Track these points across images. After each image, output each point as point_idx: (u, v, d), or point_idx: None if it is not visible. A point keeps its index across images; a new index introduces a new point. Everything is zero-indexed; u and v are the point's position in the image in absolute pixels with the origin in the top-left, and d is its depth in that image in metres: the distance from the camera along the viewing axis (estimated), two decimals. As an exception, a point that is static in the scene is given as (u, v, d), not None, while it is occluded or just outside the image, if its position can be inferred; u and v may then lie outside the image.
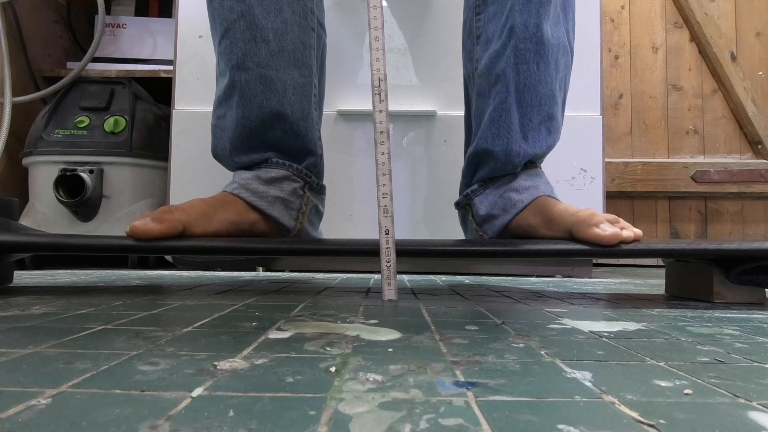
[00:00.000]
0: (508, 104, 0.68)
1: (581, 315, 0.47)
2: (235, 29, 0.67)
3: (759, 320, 0.45)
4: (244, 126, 0.68)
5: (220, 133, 0.72)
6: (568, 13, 0.72)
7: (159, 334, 0.34)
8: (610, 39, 1.75)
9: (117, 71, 1.35)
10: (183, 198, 1.11)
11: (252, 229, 0.66)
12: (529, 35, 0.67)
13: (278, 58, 0.68)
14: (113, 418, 0.18)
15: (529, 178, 0.70)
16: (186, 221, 0.59)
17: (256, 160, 0.70)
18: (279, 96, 0.68)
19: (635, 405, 0.21)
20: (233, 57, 0.68)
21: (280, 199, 0.68)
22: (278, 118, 0.69)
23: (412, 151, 1.11)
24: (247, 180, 0.68)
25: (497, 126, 0.69)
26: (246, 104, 0.68)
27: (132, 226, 0.57)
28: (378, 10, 0.55)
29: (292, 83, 0.69)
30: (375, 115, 0.55)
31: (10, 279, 0.66)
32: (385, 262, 0.54)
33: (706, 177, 1.69)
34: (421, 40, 1.13)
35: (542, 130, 0.70)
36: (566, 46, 0.71)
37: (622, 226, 0.59)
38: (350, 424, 0.18)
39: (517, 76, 0.68)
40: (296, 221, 0.70)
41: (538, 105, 0.68)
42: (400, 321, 0.41)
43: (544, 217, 0.65)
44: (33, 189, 1.23)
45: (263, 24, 0.67)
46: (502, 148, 0.69)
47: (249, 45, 0.67)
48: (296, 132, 0.70)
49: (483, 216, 0.71)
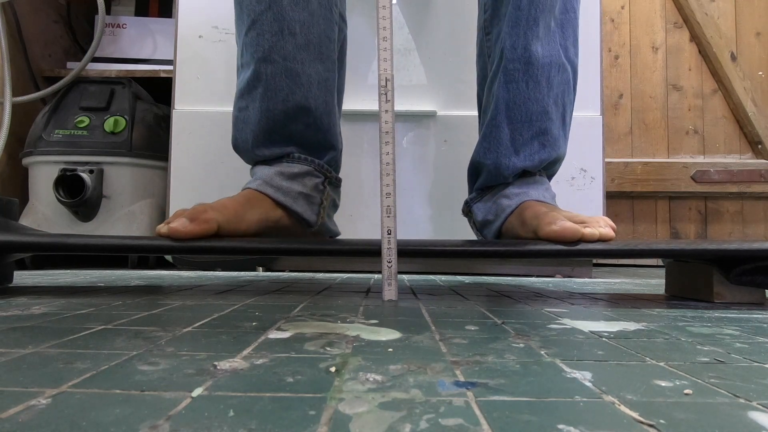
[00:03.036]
0: (497, 121, 0.72)
1: (581, 315, 0.47)
2: (263, 21, 0.67)
3: (759, 320, 0.45)
4: (268, 119, 0.68)
5: (242, 125, 0.71)
6: (566, 29, 0.72)
7: (159, 334, 0.34)
8: (610, 39, 1.75)
9: (117, 71, 1.35)
10: (183, 198, 1.11)
11: (277, 225, 0.67)
12: (517, 56, 0.69)
13: (304, 51, 0.68)
14: (113, 418, 0.18)
15: (523, 185, 0.72)
16: (221, 221, 0.59)
17: (278, 154, 0.70)
18: (304, 90, 0.68)
19: (635, 405, 0.21)
20: (259, 49, 0.67)
21: (303, 195, 0.69)
22: (302, 112, 0.69)
23: (413, 151, 1.11)
24: (271, 176, 0.68)
25: (488, 141, 0.73)
26: (271, 97, 0.68)
27: (171, 227, 0.56)
28: (387, 10, 0.56)
29: (317, 77, 0.70)
30: (381, 115, 0.55)
31: (10, 279, 0.66)
32: (386, 262, 0.54)
33: (706, 177, 1.69)
34: (422, 40, 1.13)
35: (534, 144, 0.71)
36: (562, 63, 0.72)
37: (586, 225, 0.59)
38: (350, 424, 0.18)
39: (507, 94, 0.70)
40: (318, 216, 0.71)
41: (529, 121, 0.70)
42: (400, 321, 0.41)
43: (521, 219, 0.67)
44: (33, 189, 1.23)
45: (290, 16, 0.67)
46: (492, 161, 0.72)
47: (276, 37, 0.67)
48: (319, 126, 0.71)
49: (481, 221, 0.75)
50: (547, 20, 0.70)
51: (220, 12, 1.14)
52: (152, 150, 1.24)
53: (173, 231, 0.56)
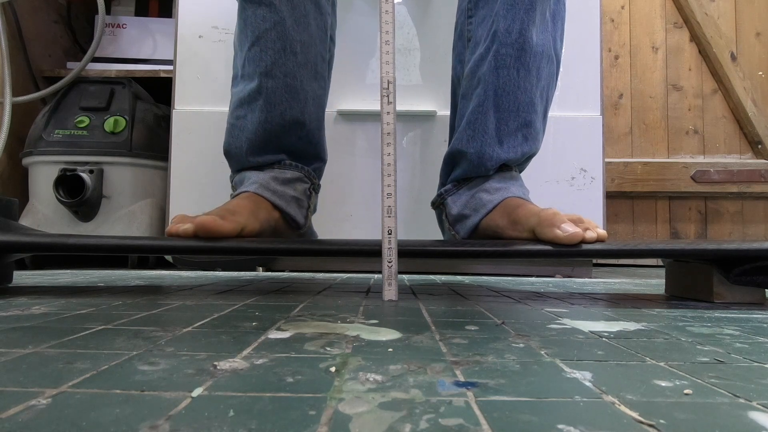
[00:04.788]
0: (485, 107, 0.70)
1: (581, 315, 0.47)
2: (267, 38, 0.70)
3: (759, 320, 0.45)
4: (265, 130, 0.71)
5: (237, 132, 0.73)
6: (557, 21, 0.72)
7: (159, 334, 0.34)
8: (610, 39, 1.75)
9: (117, 71, 1.35)
10: (183, 198, 1.11)
11: (275, 227, 0.69)
12: (512, 40, 0.68)
13: (303, 69, 0.72)
14: (113, 418, 0.18)
15: (502, 180, 0.71)
16: (243, 222, 0.61)
17: (269, 161, 0.73)
18: (301, 105, 0.72)
19: (635, 405, 0.21)
20: (262, 64, 0.70)
21: (295, 199, 0.72)
22: (297, 126, 0.72)
23: (412, 151, 1.11)
24: (267, 180, 0.70)
25: (473, 128, 0.71)
26: (270, 110, 0.71)
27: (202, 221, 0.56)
28: (390, 15, 0.56)
29: (312, 94, 0.73)
30: (383, 116, 0.55)
31: (10, 279, 0.66)
32: (387, 262, 0.54)
33: (706, 177, 1.69)
34: (422, 40, 1.13)
35: (518, 136, 0.70)
36: (551, 55, 0.71)
37: (586, 227, 0.59)
38: (350, 424, 0.18)
39: (496, 80, 0.69)
40: (306, 219, 0.74)
41: (516, 110, 0.69)
42: (400, 321, 0.41)
43: (510, 217, 0.66)
44: (33, 189, 1.23)
45: (293, 36, 0.70)
46: (476, 150, 0.70)
47: (278, 55, 0.70)
48: (310, 140, 0.75)
49: (455, 216, 0.73)
50: (543, 7, 0.69)
51: (220, 12, 1.14)
52: (152, 150, 1.24)
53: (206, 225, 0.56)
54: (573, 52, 1.10)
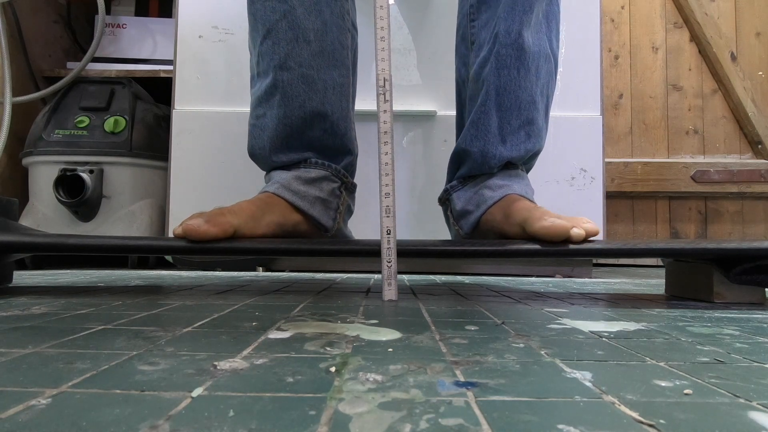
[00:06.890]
0: (487, 107, 0.70)
1: (581, 315, 0.46)
2: (278, 29, 0.68)
3: (759, 320, 0.45)
4: (285, 125, 0.69)
5: (258, 132, 0.72)
6: (551, 22, 0.73)
7: (159, 334, 0.34)
8: (610, 39, 1.75)
9: (117, 71, 1.35)
10: (183, 198, 1.11)
11: (295, 229, 0.67)
12: (511, 41, 0.68)
13: (319, 58, 0.69)
14: (113, 418, 0.18)
15: (506, 177, 0.71)
16: (237, 224, 0.59)
17: (295, 159, 0.71)
18: (320, 96, 0.69)
19: (635, 405, 0.21)
20: (275, 57, 0.68)
21: (320, 200, 0.69)
22: (319, 118, 0.70)
23: (412, 151, 1.11)
24: (289, 180, 0.68)
25: (476, 128, 0.71)
26: (288, 103, 0.69)
27: (186, 227, 0.56)
28: (384, 10, 0.55)
29: (331, 83, 0.71)
30: (379, 115, 0.55)
31: (10, 279, 0.66)
32: (386, 262, 0.54)
33: (706, 177, 1.69)
34: (422, 40, 1.13)
35: (521, 134, 0.71)
36: (548, 54, 0.72)
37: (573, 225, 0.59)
38: (350, 424, 0.18)
39: (498, 80, 0.69)
40: (334, 221, 0.71)
41: (518, 109, 0.70)
42: (400, 321, 0.41)
43: (505, 213, 0.66)
44: (33, 189, 1.23)
45: (305, 25, 0.68)
46: (479, 149, 0.71)
47: (291, 45, 0.68)
48: (336, 131, 0.72)
49: (459, 211, 0.73)
50: (538, 9, 0.70)
51: (220, 12, 1.14)
52: (152, 150, 1.24)
53: (189, 230, 0.56)
54: (573, 52, 1.10)
